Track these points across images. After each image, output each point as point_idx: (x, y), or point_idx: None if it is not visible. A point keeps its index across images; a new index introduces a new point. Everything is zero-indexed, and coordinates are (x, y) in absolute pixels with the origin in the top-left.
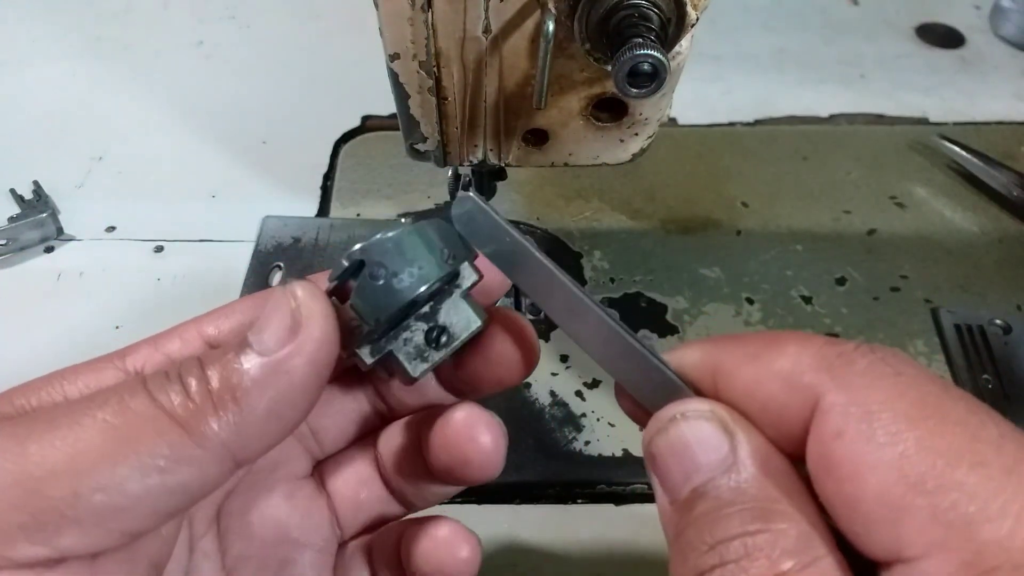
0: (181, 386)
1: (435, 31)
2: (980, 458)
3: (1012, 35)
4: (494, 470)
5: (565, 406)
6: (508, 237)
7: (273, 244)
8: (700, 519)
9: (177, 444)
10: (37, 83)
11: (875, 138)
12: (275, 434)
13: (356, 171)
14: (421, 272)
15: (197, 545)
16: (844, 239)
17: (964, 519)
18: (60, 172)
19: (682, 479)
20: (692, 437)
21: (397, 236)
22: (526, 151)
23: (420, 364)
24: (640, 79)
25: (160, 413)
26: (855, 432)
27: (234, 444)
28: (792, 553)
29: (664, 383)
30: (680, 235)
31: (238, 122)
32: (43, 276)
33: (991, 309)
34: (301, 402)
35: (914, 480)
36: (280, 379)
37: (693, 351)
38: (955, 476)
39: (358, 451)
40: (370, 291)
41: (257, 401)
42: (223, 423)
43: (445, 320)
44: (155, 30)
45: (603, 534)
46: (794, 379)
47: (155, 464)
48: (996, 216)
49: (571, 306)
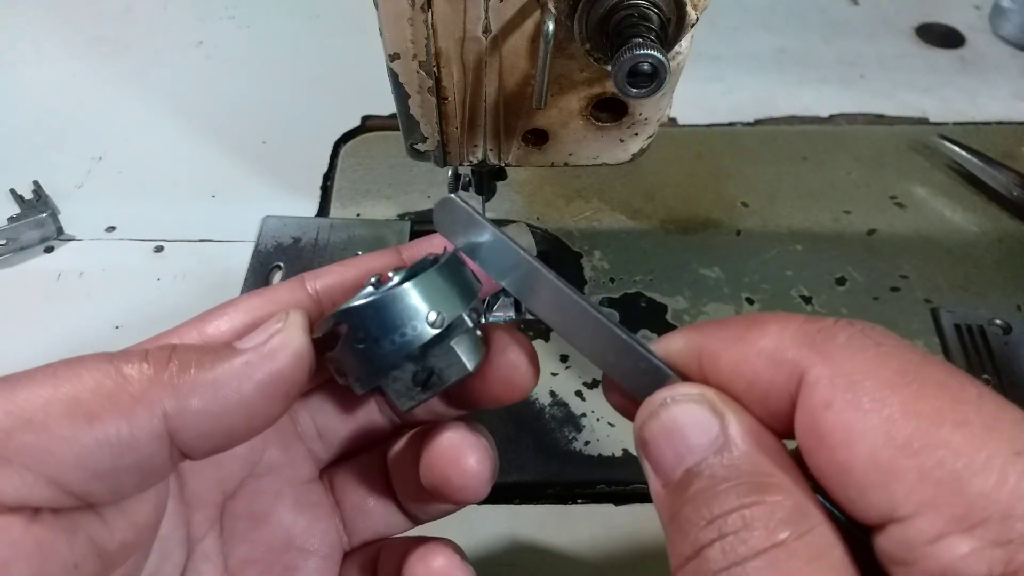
0: (143, 359)
1: (435, 31)
2: (962, 417)
3: (1012, 35)
4: (478, 493)
5: (565, 406)
6: (489, 235)
7: (273, 244)
8: (696, 497)
9: (114, 394)
10: (37, 83)
11: (875, 138)
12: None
13: (356, 171)
14: (403, 340)
15: (197, 547)
16: (844, 239)
17: (951, 475)
18: (60, 172)
19: (675, 461)
20: (683, 420)
21: (379, 302)
22: (526, 151)
23: (408, 401)
24: (640, 79)
25: (110, 370)
26: (842, 401)
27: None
28: (788, 523)
29: (651, 371)
30: (680, 235)
31: (238, 122)
32: (43, 276)
33: (991, 309)
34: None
35: (901, 442)
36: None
37: (677, 338)
38: (940, 435)
39: (369, 459)
40: (351, 353)
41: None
42: (166, 390)
43: (434, 364)
44: (155, 30)
45: (603, 534)
46: (778, 356)
47: (85, 410)
48: (996, 216)
49: (556, 300)
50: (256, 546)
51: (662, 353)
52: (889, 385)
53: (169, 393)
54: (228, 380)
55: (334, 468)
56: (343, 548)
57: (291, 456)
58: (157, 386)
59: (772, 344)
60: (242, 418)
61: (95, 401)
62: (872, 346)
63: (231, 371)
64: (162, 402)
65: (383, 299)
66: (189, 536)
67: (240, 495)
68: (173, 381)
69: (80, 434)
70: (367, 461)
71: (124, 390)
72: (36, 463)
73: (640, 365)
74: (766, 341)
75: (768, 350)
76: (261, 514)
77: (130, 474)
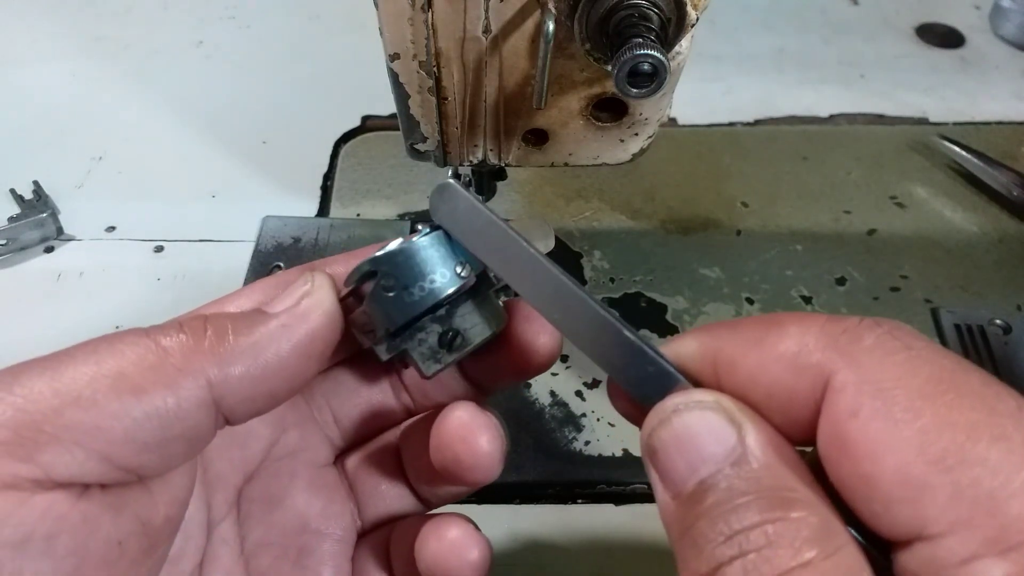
0: (179, 330)
1: (435, 31)
2: (1000, 431)
3: (1012, 35)
4: (490, 473)
5: (565, 406)
6: (492, 227)
7: (273, 244)
8: (712, 510)
9: (158, 367)
10: (37, 83)
11: (875, 138)
12: (262, 393)
13: (356, 171)
14: (432, 286)
15: (216, 530)
16: (844, 239)
17: (987, 494)
18: (60, 172)
19: (687, 472)
20: (697, 428)
21: (410, 248)
22: (526, 151)
23: (433, 364)
24: (640, 79)
25: (149, 343)
26: (870, 410)
27: (218, 386)
28: (815, 542)
29: (661, 375)
30: (680, 235)
31: (238, 122)
32: (43, 276)
33: (991, 309)
34: (292, 369)
35: (934, 456)
36: (275, 338)
37: (689, 341)
38: (976, 451)
39: (383, 443)
40: (381, 302)
41: (248, 348)
42: (210, 363)
43: (460, 324)
44: (155, 30)
45: (603, 534)
46: (800, 360)
47: (132, 383)
48: (996, 216)
49: (560, 297)
50: (271, 529)
51: (673, 356)
52: (922, 394)
53: (211, 361)
54: (267, 344)
55: (348, 453)
56: (357, 531)
57: (308, 439)
58: (198, 355)
59: (794, 347)
60: (283, 379)
61: (140, 374)
62: (902, 349)
63: (268, 334)
64: (205, 370)
65: (413, 245)
66: (209, 519)
67: (257, 478)
68: (214, 349)
69: (129, 408)
70: (381, 446)
71: (167, 362)
72: (87, 439)
73: (649, 369)
74: (787, 344)
75: (789, 354)
76: (277, 497)
77: (178, 444)
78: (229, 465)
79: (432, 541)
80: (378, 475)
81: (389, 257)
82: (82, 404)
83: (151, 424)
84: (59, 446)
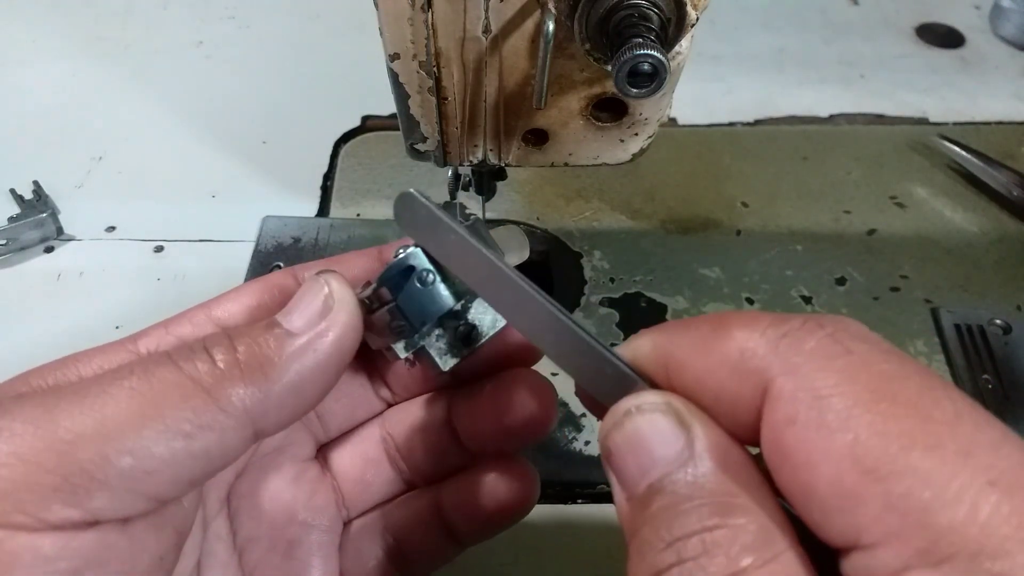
0: (208, 355)
1: (435, 31)
2: (934, 440)
3: (1012, 35)
4: (550, 427)
5: (565, 406)
6: (451, 235)
7: (273, 244)
8: (657, 515)
9: (201, 409)
10: (37, 83)
11: (875, 138)
12: (295, 409)
13: (356, 171)
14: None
15: (210, 526)
16: (844, 239)
17: (919, 506)
18: (60, 172)
19: (638, 474)
20: (647, 431)
21: None
22: (526, 151)
23: (450, 359)
24: (640, 79)
25: (186, 379)
26: (806, 419)
27: (256, 412)
28: (752, 549)
29: (617, 376)
30: (680, 235)
31: (238, 122)
32: (43, 276)
33: (991, 309)
34: (323, 381)
35: (867, 467)
36: (307, 356)
37: (644, 342)
38: (909, 461)
39: (363, 434)
40: (417, 296)
41: (282, 374)
42: (247, 392)
43: (474, 318)
44: (155, 30)
45: (603, 534)
46: (742, 366)
47: (180, 429)
48: (996, 216)
49: (520, 302)
50: (260, 523)
51: (629, 357)
52: (858, 402)
53: (248, 392)
54: (299, 369)
55: (329, 445)
56: (343, 520)
57: (292, 435)
58: (236, 386)
59: (736, 352)
60: (314, 396)
61: (185, 418)
62: (842, 354)
63: (299, 359)
64: (244, 406)
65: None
66: (204, 517)
67: (244, 474)
68: (250, 382)
69: (177, 454)
70: (362, 435)
71: (209, 403)
72: (135, 485)
73: (606, 371)
74: (730, 348)
75: (732, 359)
76: (263, 492)
77: (217, 470)
78: None
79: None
80: (362, 465)
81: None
82: (133, 453)
83: (197, 463)
84: (109, 491)
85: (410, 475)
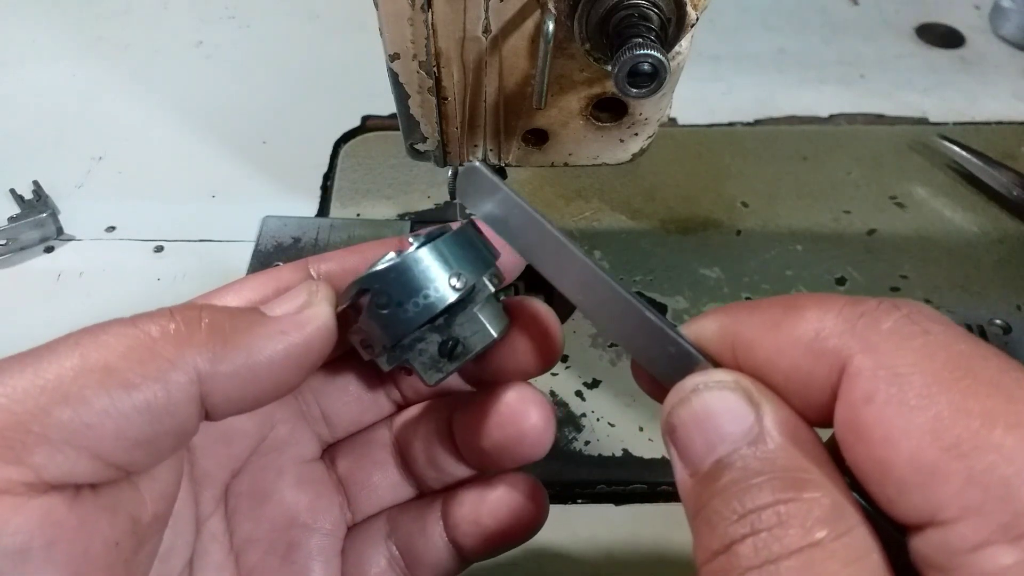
0: (169, 315)
1: (435, 31)
2: (1016, 419)
3: (1012, 35)
4: (546, 447)
5: (565, 406)
6: (517, 209)
7: (273, 244)
8: (728, 488)
9: (146, 359)
10: (37, 83)
11: (875, 138)
12: (247, 390)
13: (356, 171)
14: (427, 301)
15: (204, 526)
16: (844, 239)
17: (1002, 481)
18: (60, 172)
19: (705, 450)
20: (716, 407)
21: (401, 264)
22: (526, 151)
23: (435, 374)
24: (640, 79)
25: (137, 333)
26: (886, 396)
27: (205, 374)
28: (826, 522)
29: (682, 356)
30: (680, 235)
31: (238, 122)
32: (43, 276)
33: (991, 309)
34: (282, 372)
35: (949, 443)
36: (273, 340)
37: (709, 322)
38: (991, 438)
39: (371, 436)
40: (376, 318)
41: (242, 346)
42: (201, 353)
43: (459, 333)
44: (155, 30)
45: (603, 534)
46: (818, 345)
47: (123, 378)
48: (996, 216)
49: (584, 278)
50: (259, 524)
51: (693, 337)
52: (937, 380)
53: (203, 355)
54: (262, 346)
55: (335, 447)
56: (347, 523)
57: (296, 435)
58: (190, 347)
59: (811, 331)
60: (270, 384)
61: (128, 368)
62: (920, 334)
63: (265, 337)
64: (196, 364)
65: (404, 261)
66: (197, 516)
67: (244, 473)
68: (207, 342)
69: (118, 404)
70: (371, 438)
71: (157, 354)
72: (77, 438)
73: (670, 349)
74: (805, 327)
75: (807, 338)
76: (264, 492)
77: (167, 438)
78: (216, 461)
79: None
80: (370, 468)
81: (381, 275)
82: (70, 401)
83: (141, 419)
84: (49, 446)
85: (417, 481)
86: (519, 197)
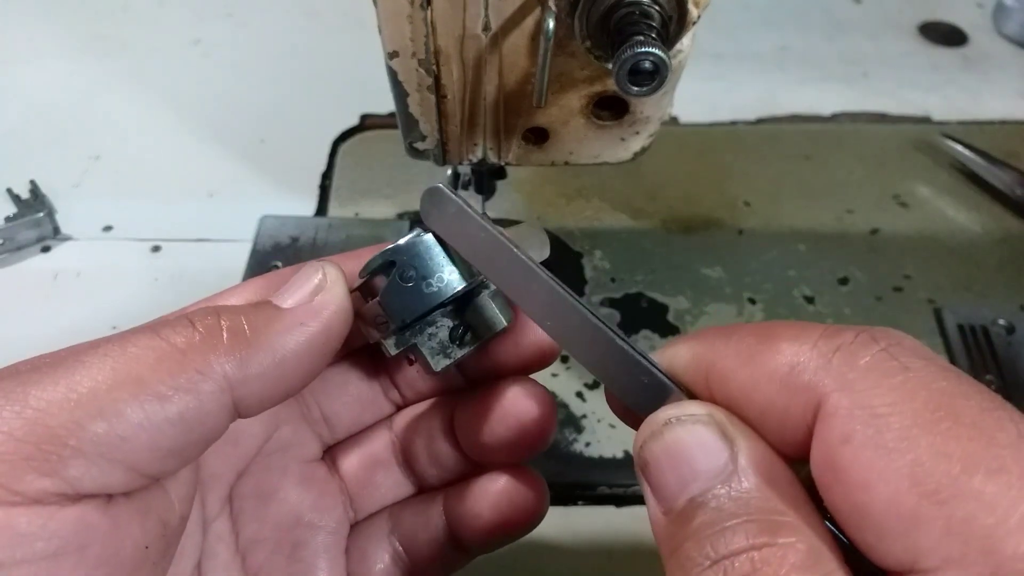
0: (189, 323)
1: (434, 29)
2: (998, 464)
3: (1015, 33)
4: (549, 439)
5: (565, 407)
6: (482, 233)
7: (271, 243)
8: (700, 531)
9: (177, 371)
10: (34, 82)
11: (878, 137)
12: (277, 385)
13: (355, 170)
14: (451, 278)
15: (211, 527)
16: (847, 239)
17: (982, 531)
18: (57, 171)
19: (678, 488)
20: (689, 442)
21: (430, 239)
22: (526, 150)
23: (442, 360)
24: (641, 77)
25: (163, 343)
26: (863, 437)
27: (235, 379)
28: (802, 569)
29: (654, 385)
30: (682, 234)
31: (236, 121)
32: (40, 276)
33: (994, 309)
34: (308, 360)
35: (928, 489)
36: (294, 332)
37: (682, 349)
38: (972, 484)
39: (371, 435)
40: (398, 292)
41: (266, 344)
42: (228, 358)
43: (470, 319)
44: (152, 29)
45: (604, 536)
46: (793, 380)
47: (155, 391)
48: (999, 215)
49: (552, 303)
50: (265, 524)
51: (666, 365)
52: (917, 421)
53: (230, 362)
54: (285, 343)
55: (336, 447)
56: (350, 521)
57: (298, 435)
58: (216, 354)
59: (785, 366)
60: (297, 375)
61: (159, 380)
62: (899, 371)
63: (286, 333)
64: (224, 371)
65: (431, 237)
66: (204, 516)
67: (248, 474)
68: (231, 347)
69: (152, 416)
70: (370, 437)
71: (186, 365)
72: (111, 451)
73: (642, 379)
74: (779, 361)
75: (781, 372)
76: (268, 492)
77: (198, 445)
78: (222, 462)
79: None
80: (371, 464)
81: (408, 248)
82: (105, 415)
83: (174, 430)
84: (84, 459)
85: (418, 478)
86: (484, 219)
